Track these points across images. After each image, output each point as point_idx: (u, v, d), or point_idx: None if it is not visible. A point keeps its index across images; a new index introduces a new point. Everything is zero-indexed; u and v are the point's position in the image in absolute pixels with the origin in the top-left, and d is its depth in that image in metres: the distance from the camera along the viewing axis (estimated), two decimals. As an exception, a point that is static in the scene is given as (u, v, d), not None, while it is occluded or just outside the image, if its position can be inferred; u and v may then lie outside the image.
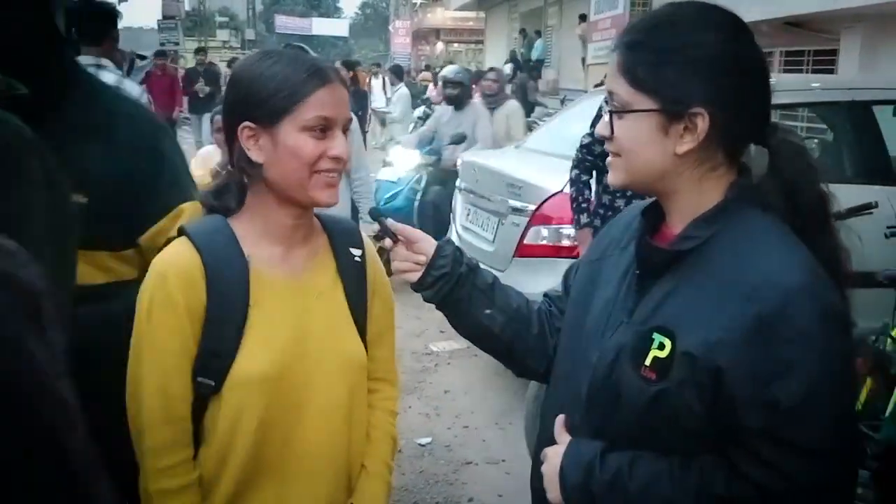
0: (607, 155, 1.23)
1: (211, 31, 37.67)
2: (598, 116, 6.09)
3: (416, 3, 35.42)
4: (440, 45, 32.43)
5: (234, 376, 1.30)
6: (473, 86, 7.22)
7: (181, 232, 1.35)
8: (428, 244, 1.36)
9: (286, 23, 39.34)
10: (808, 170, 1.17)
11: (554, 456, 1.22)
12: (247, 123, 1.31)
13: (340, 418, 1.40)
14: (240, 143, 1.32)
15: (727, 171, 1.17)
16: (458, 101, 6.50)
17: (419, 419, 4.08)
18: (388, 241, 1.37)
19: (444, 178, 6.22)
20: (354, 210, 4.27)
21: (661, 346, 1.11)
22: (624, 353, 1.16)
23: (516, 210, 3.96)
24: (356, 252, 1.46)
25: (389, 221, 1.37)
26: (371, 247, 1.51)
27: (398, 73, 12.73)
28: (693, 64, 1.10)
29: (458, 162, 5.46)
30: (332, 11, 54.97)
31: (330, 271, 1.43)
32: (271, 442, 1.34)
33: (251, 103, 1.31)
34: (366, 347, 1.45)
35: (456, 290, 1.35)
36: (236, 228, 1.36)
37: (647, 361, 1.12)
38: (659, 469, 1.12)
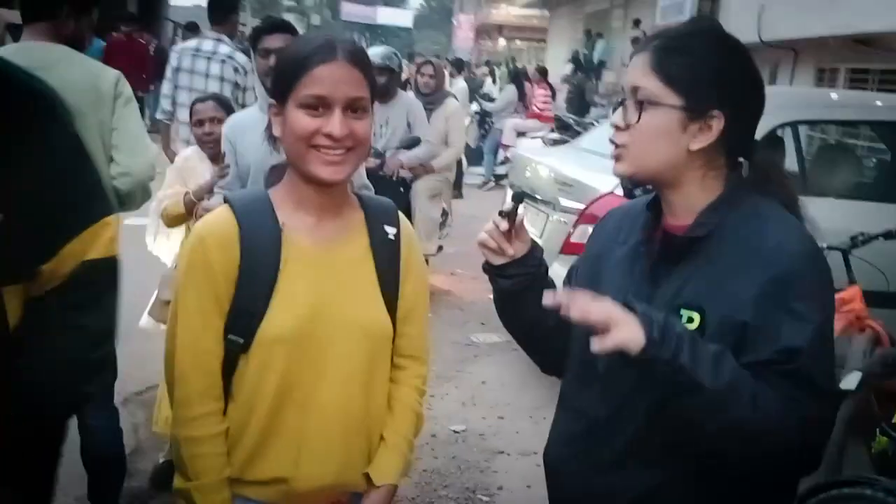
0: None
1: (278, 15, 38.15)
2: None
3: (481, -2, 35.37)
4: (502, 42, 32.37)
5: (260, 335, 1.38)
6: (416, 76, 5.93)
7: (224, 199, 1.46)
8: (524, 245, 1.42)
9: (352, 10, 39.60)
10: (788, 182, 1.40)
11: (615, 309, 1.16)
12: (271, 101, 1.41)
13: (358, 384, 1.46)
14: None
15: (724, 170, 1.33)
16: (384, 91, 4.82)
17: (455, 407, 4.16)
18: (504, 223, 1.38)
19: (386, 186, 4.51)
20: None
21: (690, 320, 1.25)
22: None
23: (565, 208, 4.00)
24: (391, 230, 1.51)
25: (522, 210, 1.40)
26: (408, 226, 1.56)
27: (458, 67, 12.78)
28: (718, 72, 1.28)
29: (403, 170, 4.88)
30: (398, 2, 55.20)
31: (362, 245, 1.49)
32: (290, 402, 1.42)
33: (275, 82, 1.42)
34: (395, 324, 1.51)
35: (528, 289, 1.43)
36: (275, 199, 1.45)
37: None
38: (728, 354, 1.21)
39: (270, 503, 1.45)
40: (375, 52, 4.93)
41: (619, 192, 3.71)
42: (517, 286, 1.44)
